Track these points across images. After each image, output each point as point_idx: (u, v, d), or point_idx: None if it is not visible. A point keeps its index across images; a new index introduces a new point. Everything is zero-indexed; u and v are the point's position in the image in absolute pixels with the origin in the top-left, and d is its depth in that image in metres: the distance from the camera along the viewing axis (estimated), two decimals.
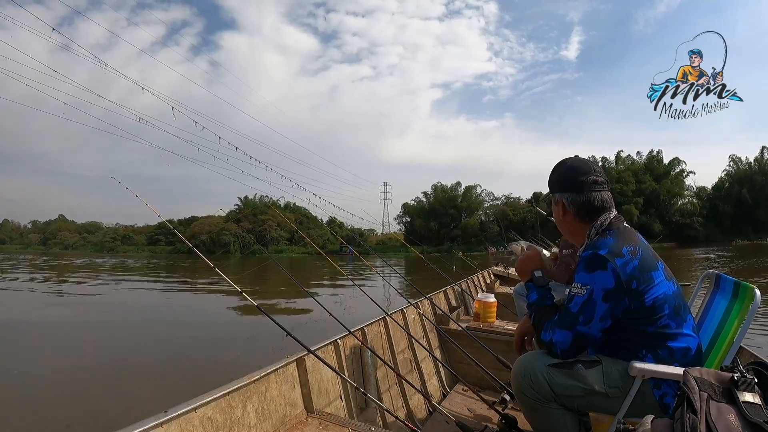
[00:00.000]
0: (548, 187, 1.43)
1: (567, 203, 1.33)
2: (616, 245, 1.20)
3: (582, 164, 1.34)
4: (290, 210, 49.05)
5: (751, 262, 18.82)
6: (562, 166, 1.38)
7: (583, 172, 1.31)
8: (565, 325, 1.23)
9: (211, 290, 12.10)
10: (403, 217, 54.73)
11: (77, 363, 5.14)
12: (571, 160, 1.39)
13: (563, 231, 1.44)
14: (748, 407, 0.83)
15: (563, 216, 1.36)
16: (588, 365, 1.24)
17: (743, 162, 45.12)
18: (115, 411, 3.59)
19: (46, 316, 8.67)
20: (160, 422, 1.08)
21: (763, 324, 6.26)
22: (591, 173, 1.30)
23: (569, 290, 1.27)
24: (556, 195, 1.37)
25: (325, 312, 2.17)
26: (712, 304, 1.58)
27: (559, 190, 1.36)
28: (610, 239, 1.23)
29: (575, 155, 1.41)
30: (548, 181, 1.42)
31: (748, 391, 0.86)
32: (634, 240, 1.24)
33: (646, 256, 1.22)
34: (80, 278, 17.95)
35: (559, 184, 1.36)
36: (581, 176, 1.30)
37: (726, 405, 0.85)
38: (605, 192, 1.31)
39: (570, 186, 1.32)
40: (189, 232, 45.74)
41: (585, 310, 1.20)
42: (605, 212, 1.30)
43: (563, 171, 1.37)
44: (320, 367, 1.76)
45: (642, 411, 1.19)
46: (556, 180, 1.38)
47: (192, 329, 7.21)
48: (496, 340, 2.80)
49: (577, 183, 1.31)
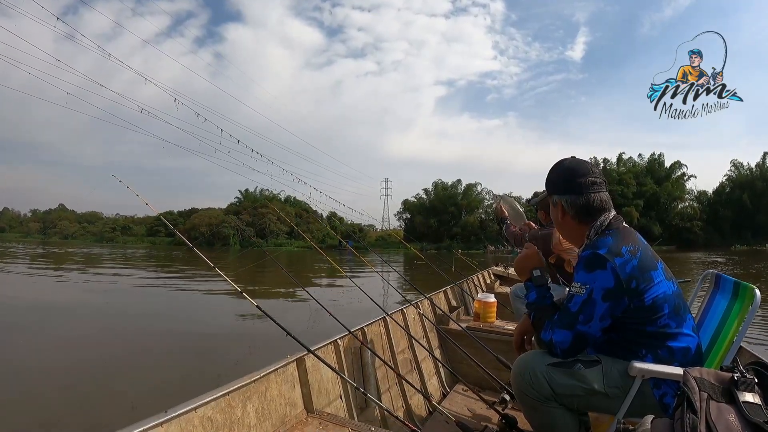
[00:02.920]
0: (546, 189, 1.41)
1: (566, 205, 1.32)
2: (616, 245, 1.20)
3: (580, 165, 1.33)
4: (290, 204, 49.05)
5: (760, 267, 18.69)
6: (560, 168, 1.37)
7: (581, 173, 1.30)
8: (564, 325, 1.23)
9: (210, 286, 12.05)
10: (403, 213, 54.74)
11: (75, 359, 5.13)
12: (568, 161, 1.37)
13: (562, 231, 1.43)
14: (748, 407, 0.83)
15: (562, 218, 1.35)
16: (588, 365, 1.24)
17: (744, 167, 45.20)
18: (113, 411, 3.57)
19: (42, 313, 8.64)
20: (159, 422, 1.08)
21: (764, 324, 6.28)
22: (589, 174, 1.29)
23: (569, 289, 1.26)
24: (555, 197, 1.36)
25: (324, 311, 2.17)
26: (712, 304, 1.59)
27: (558, 192, 1.35)
28: (609, 239, 1.23)
29: (572, 156, 1.39)
30: (546, 183, 1.40)
31: (748, 391, 0.86)
32: (633, 240, 1.24)
33: (645, 255, 1.22)
34: (78, 270, 17.91)
35: (558, 187, 1.35)
36: (580, 178, 1.29)
37: (726, 405, 0.85)
38: (604, 193, 1.31)
39: (569, 188, 1.31)
40: (189, 224, 45.72)
41: (585, 310, 1.20)
42: (604, 213, 1.29)
43: (561, 173, 1.35)
44: (320, 367, 1.76)
45: (642, 411, 1.19)
46: (554, 182, 1.37)
47: (190, 328, 7.18)
48: (496, 340, 2.80)
49: (576, 185, 1.29)
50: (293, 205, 48.64)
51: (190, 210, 55.26)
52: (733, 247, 38.73)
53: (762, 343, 5.50)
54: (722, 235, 41.94)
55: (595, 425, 1.54)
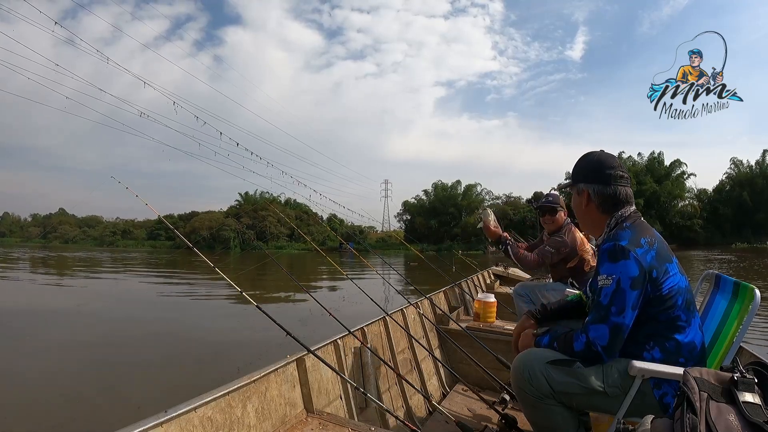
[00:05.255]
0: (572, 177, 1.44)
1: (592, 193, 1.36)
2: (635, 236, 1.24)
3: (610, 158, 1.38)
4: (290, 206, 48.99)
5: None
6: (590, 158, 1.41)
7: (610, 165, 1.35)
8: (598, 319, 1.21)
9: (211, 290, 12.05)
10: (403, 214, 54.70)
11: (76, 363, 5.13)
12: (598, 153, 1.41)
13: (582, 220, 1.45)
14: (748, 407, 0.83)
15: (586, 206, 1.39)
16: (587, 364, 1.24)
17: (744, 165, 45.04)
18: (117, 413, 3.57)
19: (40, 313, 8.64)
20: (159, 422, 1.08)
21: (763, 324, 6.27)
22: (618, 168, 1.35)
23: (596, 283, 1.25)
24: (581, 185, 1.39)
25: (325, 311, 2.17)
26: (712, 304, 1.59)
27: (585, 181, 1.39)
28: (628, 231, 1.26)
29: (601, 150, 1.43)
30: (573, 171, 1.44)
31: (748, 391, 0.86)
32: (650, 233, 1.28)
33: (662, 248, 1.26)
34: (79, 273, 17.92)
35: (587, 175, 1.39)
36: (609, 169, 1.34)
37: (726, 405, 0.85)
38: (628, 188, 1.36)
39: (597, 177, 1.35)
40: (189, 227, 45.67)
41: (616, 300, 1.20)
42: (627, 206, 1.34)
43: (591, 162, 1.39)
44: (320, 367, 1.76)
45: (642, 410, 1.19)
46: (582, 170, 1.41)
47: (190, 328, 7.18)
48: (496, 340, 2.80)
49: (604, 175, 1.34)
50: (293, 207, 48.59)
51: (190, 213, 55.13)
52: (733, 245, 38.67)
53: (762, 341, 5.50)
54: (723, 234, 41.86)
55: (595, 425, 1.54)
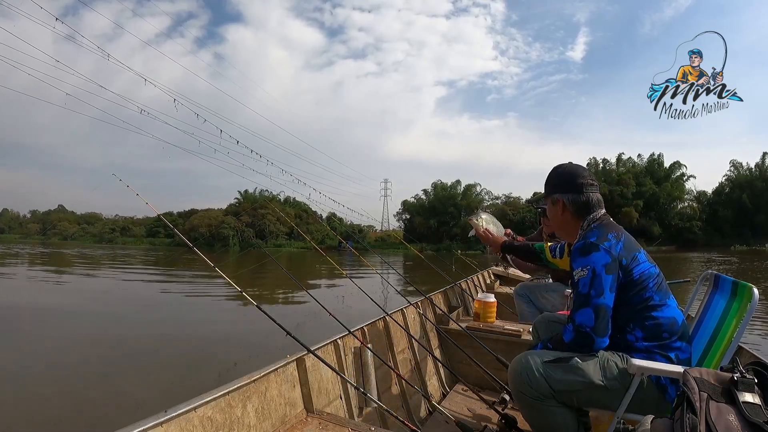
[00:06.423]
0: (546, 189, 1.58)
1: (568, 202, 1.49)
2: (603, 233, 1.38)
3: (579, 169, 1.53)
4: (290, 205, 48.97)
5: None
6: (561, 170, 1.56)
7: (581, 175, 1.50)
8: (580, 305, 1.31)
9: (210, 289, 12.03)
10: (402, 214, 54.66)
11: (75, 361, 5.11)
12: (567, 165, 1.56)
13: (559, 227, 1.58)
14: (748, 407, 0.84)
15: (562, 214, 1.52)
16: (584, 357, 1.28)
17: (744, 167, 44.98)
18: (116, 412, 3.56)
19: (39, 310, 8.62)
20: (159, 422, 1.08)
21: (763, 324, 6.27)
22: (588, 177, 1.50)
23: (574, 279, 1.35)
24: (556, 195, 1.53)
25: (324, 311, 2.16)
26: (711, 304, 1.60)
27: (560, 192, 1.52)
28: (596, 231, 1.40)
29: (569, 161, 1.59)
30: (547, 183, 1.58)
31: (748, 392, 0.87)
32: (617, 229, 1.42)
33: (629, 240, 1.39)
34: (77, 272, 17.89)
35: (561, 187, 1.52)
36: (580, 179, 1.49)
37: (726, 405, 0.86)
38: (598, 193, 1.51)
39: (571, 188, 1.49)
40: (188, 225, 45.61)
41: (594, 285, 1.29)
42: (598, 209, 1.48)
43: (563, 174, 1.54)
44: (320, 367, 1.76)
45: (642, 407, 1.21)
46: (556, 182, 1.55)
47: (190, 327, 7.17)
48: (496, 340, 2.80)
49: (577, 185, 1.48)
50: (293, 206, 48.55)
51: (189, 211, 55.05)
52: (733, 247, 38.69)
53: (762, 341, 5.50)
54: (722, 235, 41.86)
55: (595, 425, 1.54)
